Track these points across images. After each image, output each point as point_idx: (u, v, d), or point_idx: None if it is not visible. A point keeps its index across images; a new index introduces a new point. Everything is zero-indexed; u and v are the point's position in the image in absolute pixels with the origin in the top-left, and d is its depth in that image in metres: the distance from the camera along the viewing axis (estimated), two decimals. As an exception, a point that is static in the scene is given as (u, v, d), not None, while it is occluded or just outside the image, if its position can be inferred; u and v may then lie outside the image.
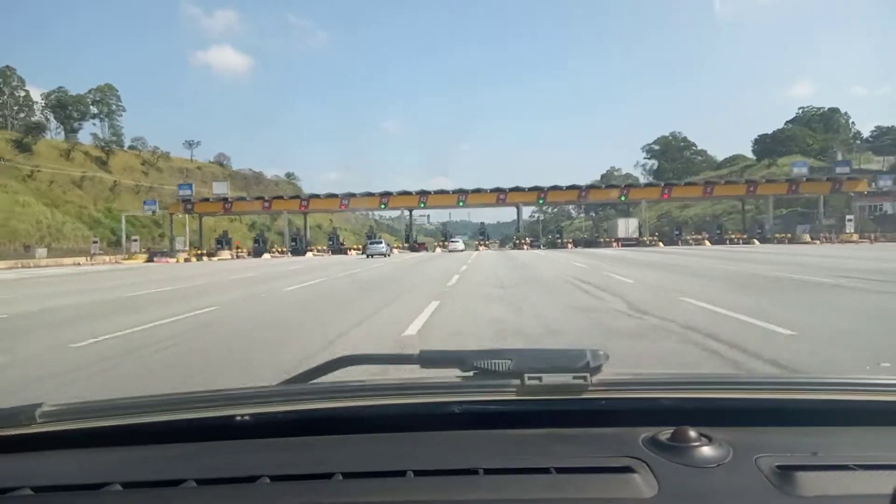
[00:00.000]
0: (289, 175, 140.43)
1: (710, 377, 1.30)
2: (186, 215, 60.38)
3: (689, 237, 58.26)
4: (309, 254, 56.26)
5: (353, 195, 61.23)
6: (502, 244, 68.13)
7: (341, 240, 65.51)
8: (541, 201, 61.31)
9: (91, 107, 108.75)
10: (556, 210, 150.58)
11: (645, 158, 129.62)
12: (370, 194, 61.22)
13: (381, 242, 42.71)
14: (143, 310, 9.91)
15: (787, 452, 0.79)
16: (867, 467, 0.75)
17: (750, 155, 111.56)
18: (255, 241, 62.73)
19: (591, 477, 0.74)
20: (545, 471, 0.75)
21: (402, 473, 0.74)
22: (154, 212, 61.24)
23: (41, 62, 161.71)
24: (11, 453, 0.88)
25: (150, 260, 49.81)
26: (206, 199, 61.69)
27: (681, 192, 61.57)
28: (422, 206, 60.86)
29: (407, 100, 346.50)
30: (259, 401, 0.96)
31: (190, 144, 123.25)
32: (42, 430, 0.90)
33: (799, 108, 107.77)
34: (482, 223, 66.24)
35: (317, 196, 62.08)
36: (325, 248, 61.38)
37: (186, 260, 50.20)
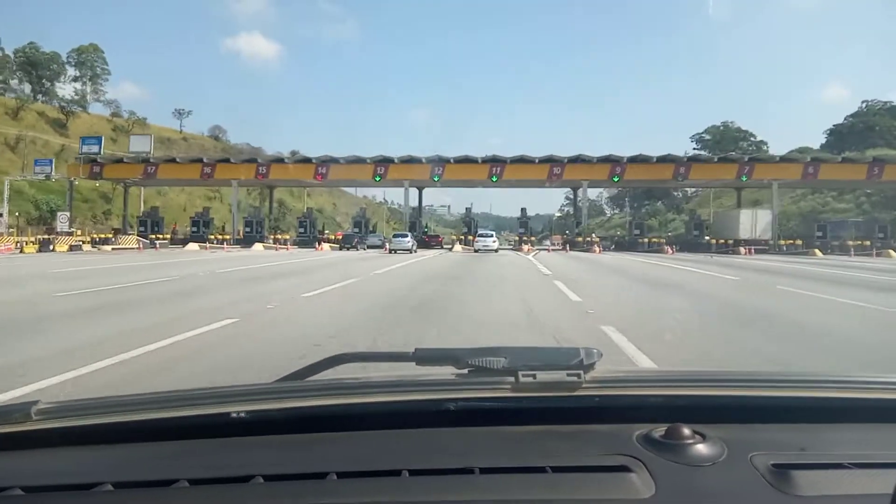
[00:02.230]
0: (294, 153, 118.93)
1: (702, 374, 1.23)
2: (137, 186, 42.73)
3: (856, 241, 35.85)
4: (258, 245, 34.93)
5: (335, 161, 39.64)
6: (515, 243, 43.82)
7: (320, 226, 43.68)
8: (616, 179, 39.01)
9: (72, 69, 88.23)
10: (587, 203, 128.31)
11: (694, 149, 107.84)
12: (359, 160, 39.50)
13: (406, 235, 33.33)
14: None
15: (781, 450, 0.76)
16: (864, 465, 0.72)
17: (814, 147, 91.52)
18: (194, 223, 41.57)
19: (587, 476, 0.72)
20: (541, 470, 0.72)
21: (398, 473, 0.71)
22: (48, 175, 39.96)
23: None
24: (6, 451, 0.85)
25: (43, 247, 29.13)
26: (120, 160, 40.21)
27: (834, 173, 38.59)
28: (436, 180, 39.15)
29: (434, 87, 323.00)
30: (253, 398, 0.92)
31: (179, 113, 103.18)
32: (37, 427, 0.86)
33: (862, 102, 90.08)
34: (523, 209, 44.25)
35: (280, 160, 40.34)
36: (288, 238, 40.08)
37: (40, 250, 28.56)
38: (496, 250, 31.00)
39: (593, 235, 38.66)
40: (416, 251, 31.00)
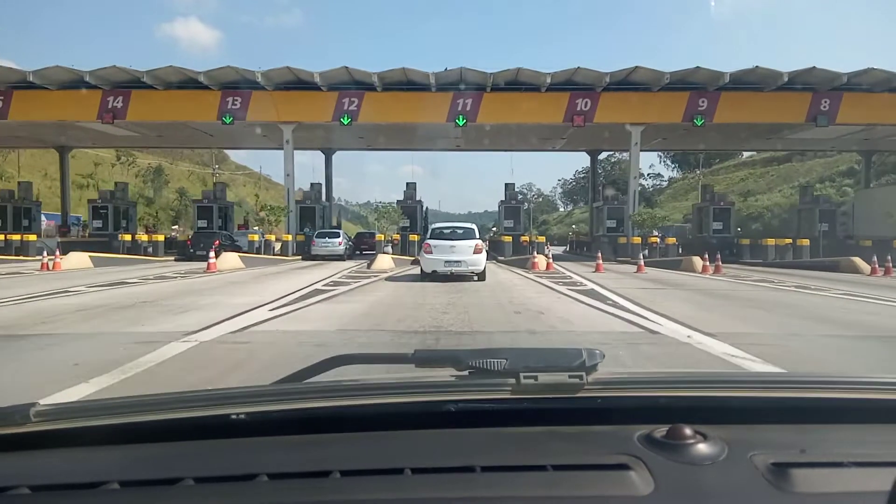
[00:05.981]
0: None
1: (704, 375, 1.24)
2: None
3: None
4: None
5: (140, 83, 19.06)
6: (496, 247, 23.26)
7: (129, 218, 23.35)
8: (699, 121, 19.32)
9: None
10: (540, 199, 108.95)
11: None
12: (194, 83, 19.29)
13: (337, 234, 21.57)
14: None
15: (781, 449, 0.75)
16: (862, 464, 0.72)
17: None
18: None
19: (587, 474, 0.71)
20: (542, 468, 0.71)
21: (400, 471, 0.71)
22: None
23: None
24: (7, 452, 0.83)
25: None
26: None
27: None
28: (345, 122, 19.52)
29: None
30: (254, 400, 0.91)
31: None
32: (37, 429, 0.84)
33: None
34: (508, 185, 24.57)
35: (25, 84, 19.22)
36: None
37: None
38: (481, 273, 11.82)
39: (657, 234, 19.78)
40: (348, 258, 21.50)
